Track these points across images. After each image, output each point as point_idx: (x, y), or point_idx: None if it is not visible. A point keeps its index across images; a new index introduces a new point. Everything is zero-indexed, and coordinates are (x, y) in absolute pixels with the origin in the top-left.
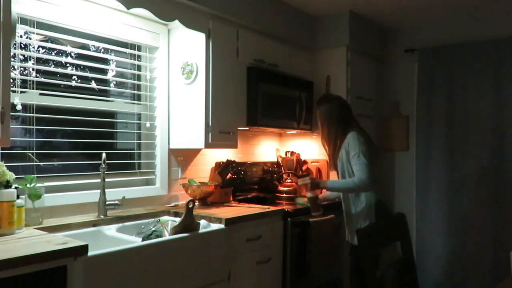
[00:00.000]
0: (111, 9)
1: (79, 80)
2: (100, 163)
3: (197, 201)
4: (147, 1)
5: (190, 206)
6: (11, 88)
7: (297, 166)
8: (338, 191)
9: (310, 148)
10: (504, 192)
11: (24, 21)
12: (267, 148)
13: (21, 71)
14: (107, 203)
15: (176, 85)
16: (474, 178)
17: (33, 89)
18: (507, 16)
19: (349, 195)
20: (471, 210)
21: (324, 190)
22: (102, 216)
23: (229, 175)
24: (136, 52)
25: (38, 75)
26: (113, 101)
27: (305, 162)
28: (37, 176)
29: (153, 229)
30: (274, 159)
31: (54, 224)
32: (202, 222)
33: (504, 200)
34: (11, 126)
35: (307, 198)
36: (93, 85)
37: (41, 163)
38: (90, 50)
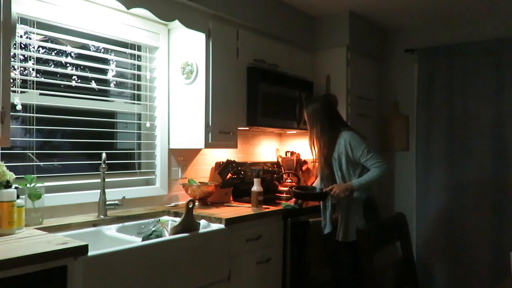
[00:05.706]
0: (111, 9)
1: (79, 80)
2: (100, 163)
3: (197, 201)
4: (147, 1)
5: (190, 206)
6: (11, 88)
7: (297, 166)
8: (367, 186)
9: None
10: (504, 192)
11: (24, 21)
12: (267, 148)
13: (21, 71)
14: (107, 203)
15: (176, 85)
16: (474, 178)
17: (33, 89)
18: (507, 17)
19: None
20: (471, 210)
21: None
22: (102, 216)
23: (229, 175)
24: (136, 52)
25: (38, 75)
26: (113, 101)
27: (305, 162)
28: (37, 176)
29: (153, 229)
30: (274, 159)
31: (54, 224)
32: (202, 222)
33: (504, 200)
34: (11, 126)
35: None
36: (93, 85)
37: (41, 163)
38: (90, 50)
